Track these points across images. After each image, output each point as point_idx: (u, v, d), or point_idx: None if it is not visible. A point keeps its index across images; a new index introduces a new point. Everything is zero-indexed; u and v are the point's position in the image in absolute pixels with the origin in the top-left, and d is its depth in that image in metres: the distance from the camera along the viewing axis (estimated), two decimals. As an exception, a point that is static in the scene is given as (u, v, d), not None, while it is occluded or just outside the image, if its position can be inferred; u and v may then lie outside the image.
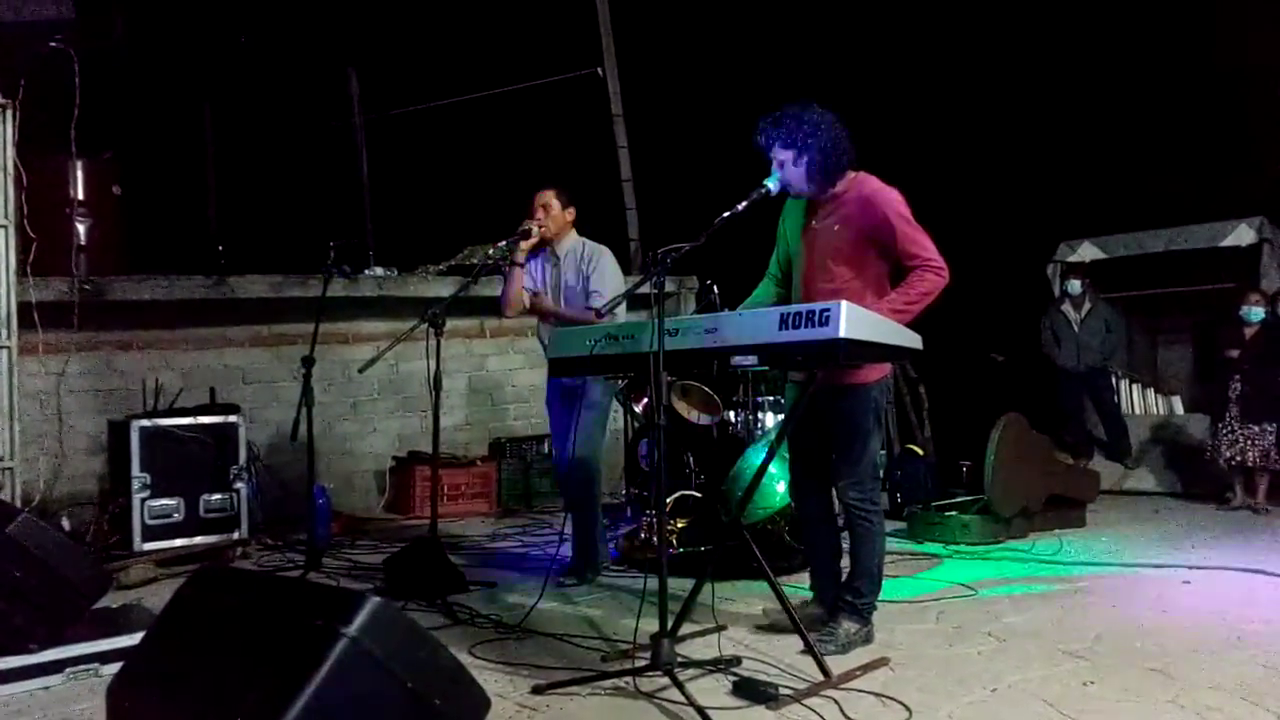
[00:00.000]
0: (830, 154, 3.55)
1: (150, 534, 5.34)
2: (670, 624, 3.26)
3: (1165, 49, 8.53)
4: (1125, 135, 8.73)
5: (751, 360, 3.28)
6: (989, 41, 9.09)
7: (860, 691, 3.17)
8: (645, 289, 3.37)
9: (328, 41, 8.94)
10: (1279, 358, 6.69)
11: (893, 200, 3.58)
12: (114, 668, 3.06)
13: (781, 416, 5.98)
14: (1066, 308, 7.96)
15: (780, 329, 3.15)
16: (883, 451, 7.38)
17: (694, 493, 5.79)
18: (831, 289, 3.55)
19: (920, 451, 7.22)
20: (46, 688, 3.35)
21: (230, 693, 2.24)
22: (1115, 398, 8.21)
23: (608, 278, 4.70)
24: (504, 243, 4.63)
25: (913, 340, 3.37)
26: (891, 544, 5.43)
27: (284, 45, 8.75)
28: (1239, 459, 6.60)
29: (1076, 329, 7.87)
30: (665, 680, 3.11)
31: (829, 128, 3.56)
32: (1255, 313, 6.79)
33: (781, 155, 3.59)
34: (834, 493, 3.80)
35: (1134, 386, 8.68)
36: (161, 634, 2.67)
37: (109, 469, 5.91)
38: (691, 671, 3.31)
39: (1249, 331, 6.80)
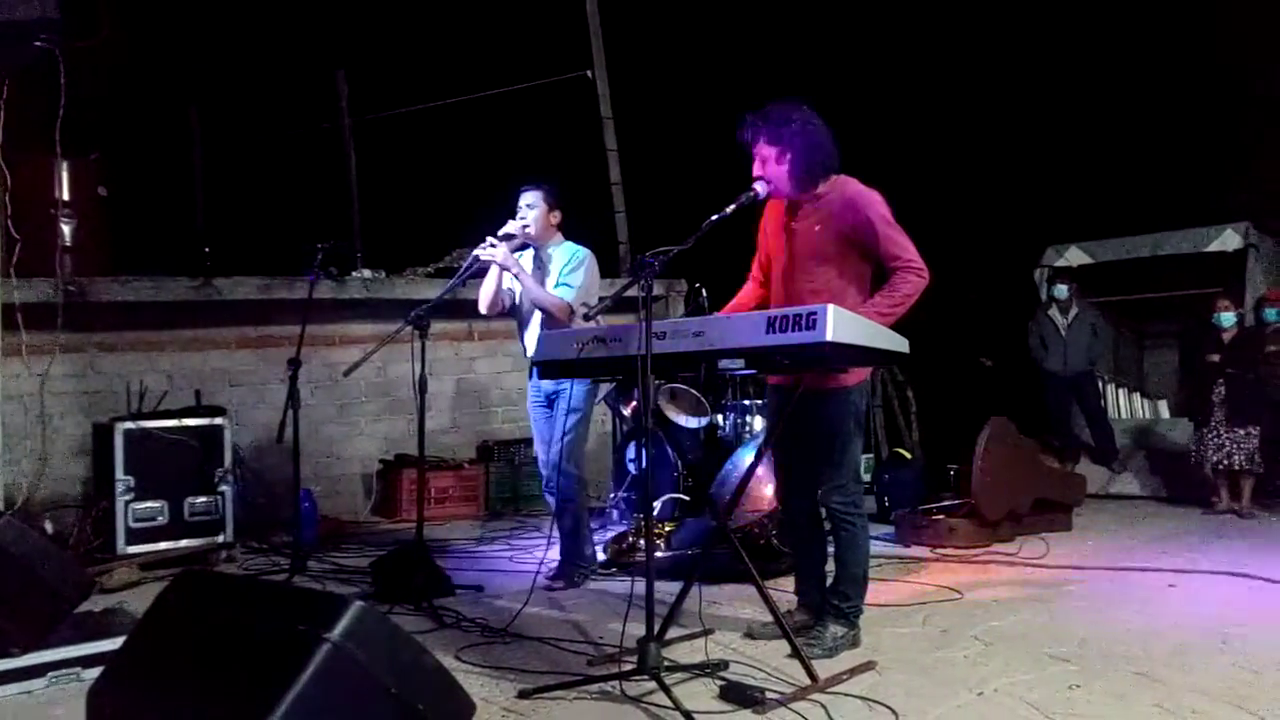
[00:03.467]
0: (815, 154, 3.56)
1: (134, 537, 5.30)
2: (657, 628, 3.25)
3: (1152, 56, 8.58)
4: (1112, 141, 8.78)
5: (738, 364, 3.27)
6: (978, 49, 9.12)
7: (847, 695, 3.17)
8: (633, 292, 3.37)
9: (316, 42, 8.91)
10: (1257, 361, 6.73)
11: (874, 201, 3.58)
12: (96, 672, 3.03)
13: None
14: (1053, 312, 7.98)
15: (767, 332, 3.14)
16: (869, 455, 7.41)
17: (682, 496, 5.79)
18: (812, 289, 3.56)
19: (908, 455, 7.24)
20: (28, 692, 3.32)
21: (212, 698, 2.22)
22: (1101, 402, 8.25)
23: (581, 275, 4.71)
24: (488, 242, 4.61)
25: (899, 344, 3.36)
26: (878, 547, 5.44)
27: (272, 46, 8.72)
28: (1225, 463, 6.63)
29: (1063, 333, 7.90)
30: (652, 684, 3.11)
31: (814, 128, 3.57)
32: (1227, 318, 6.86)
33: (765, 152, 3.59)
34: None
35: (1120, 391, 8.73)
36: (143, 638, 2.65)
37: (93, 471, 5.87)
38: (678, 675, 3.30)
39: (1227, 336, 6.86)
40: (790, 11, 9.65)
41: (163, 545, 5.37)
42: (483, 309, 4.89)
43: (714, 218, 3.43)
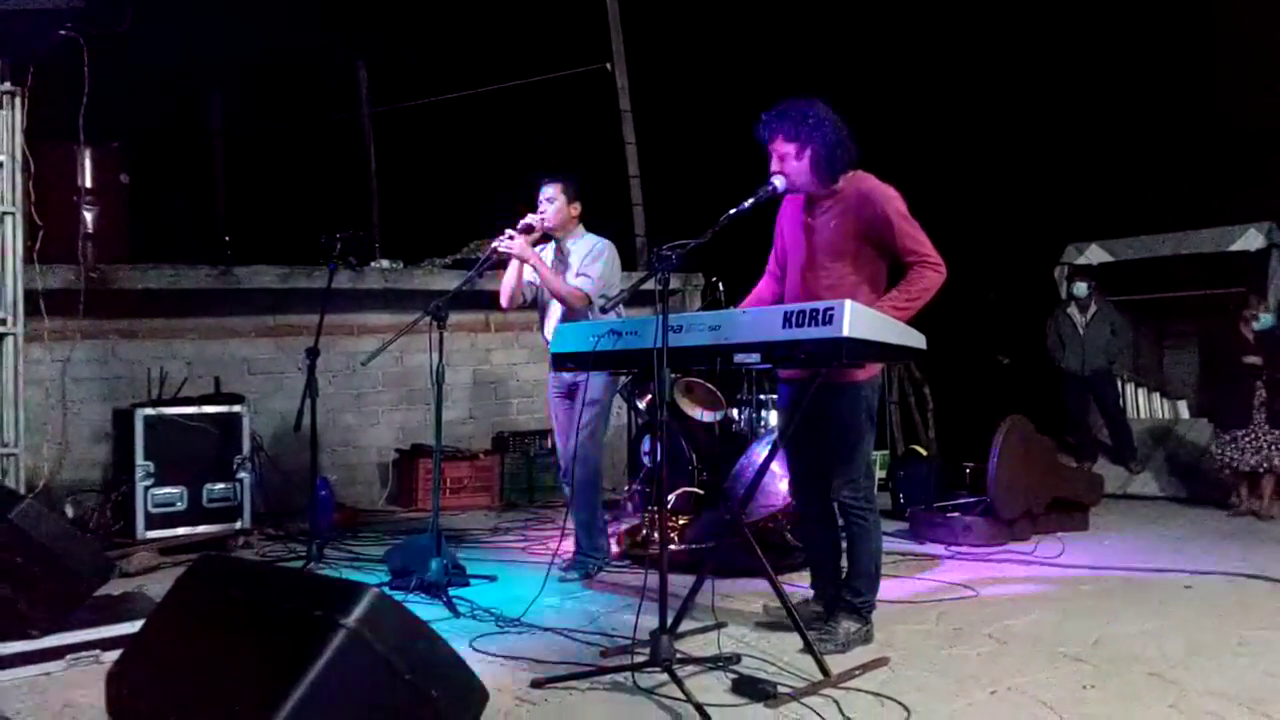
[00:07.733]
0: (833, 150, 3.55)
1: (153, 522, 5.36)
2: (670, 620, 3.26)
3: (1174, 52, 8.50)
4: (1134, 139, 8.70)
5: (754, 358, 3.27)
6: (998, 46, 9.07)
7: (859, 691, 3.17)
8: (650, 285, 3.37)
9: (338, 34, 8.95)
10: None
11: (890, 197, 3.57)
12: (115, 654, 3.07)
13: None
14: (1072, 310, 7.93)
15: (784, 327, 3.14)
16: (884, 451, 7.40)
17: (696, 489, 5.79)
18: (827, 284, 3.56)
19: (924, 452, 7.22)
20: (47, 674, 3.36)
21: (229, 681, 2.25)
22: (1120, 401, 8.19)
23: (601, 266, 4.72)
24: (506, 235, 4.62)
25: (916, 340, 3.36)
26: (893, 544, 5.43)
27: (294, 37, 8.75)
28: (1265, 466, 6.51)
29: (1082, 332, 7.84)
30: (664, 676, 3.12)
31: (832, 124, 3.56)
32: (1266, 319, 6.75)
33: (784, 148, 3.59)
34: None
35: (1139, 390, 8.66)
36: (161, 622, 2.68)
37: (113, 457, 5.93)
38: (691, 668, 3.31)
39: (1261, 337, 6.75)
40: (810, 6, 9.61)
41: (181, 530, 5.43)
42: (504, 302, 4.90)
43: (732, 212, 3.43)
